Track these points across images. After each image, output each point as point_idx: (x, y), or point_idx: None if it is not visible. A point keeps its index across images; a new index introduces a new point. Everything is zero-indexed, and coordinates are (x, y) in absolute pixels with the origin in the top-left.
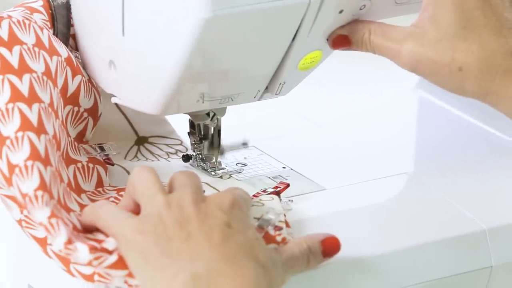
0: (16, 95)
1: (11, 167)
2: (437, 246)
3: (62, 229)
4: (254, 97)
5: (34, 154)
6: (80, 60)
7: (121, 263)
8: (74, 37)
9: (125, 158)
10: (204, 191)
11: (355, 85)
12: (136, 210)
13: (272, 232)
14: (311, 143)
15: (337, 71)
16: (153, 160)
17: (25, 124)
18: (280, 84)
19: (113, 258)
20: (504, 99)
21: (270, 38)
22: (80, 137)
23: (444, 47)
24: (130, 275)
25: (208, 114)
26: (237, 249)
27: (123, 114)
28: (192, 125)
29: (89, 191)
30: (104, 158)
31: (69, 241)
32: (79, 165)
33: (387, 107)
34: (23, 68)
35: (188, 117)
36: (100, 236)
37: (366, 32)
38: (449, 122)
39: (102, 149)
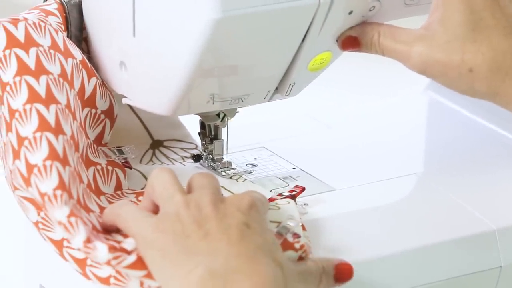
0: (33, 96)
1: (30, 167)
2: (446, 247)
3: (81, 228)
4: (264, 98)
5: (53, 154)
6: (92, 63)
7: (139, 263)
8: (86, 40)
9: (140, 162)
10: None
11: (365, 87)
12: (156, 211)
13: (290, 239)
14: (321, 144)
15: (347, 72)
16: (168, 164)
17: (43, 125)
18: (290, 85)
19: (132, 258)
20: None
21: (280, 39)
22: (99, 140)
23: (453, 49)
24: (148, 275)
25: (218, 115)
26: (255, 248)
27: (138, 117)
28: (202, 125)
29: (108, 194)
30: (123, 161)
31: (88, 240)
32: (99, 167)
33: (397, 109)
34: (40, 70)
35: (198, 117)
36: (119, 238)
37: (376, 34)
38: (458, 123)
39: (120, 152)
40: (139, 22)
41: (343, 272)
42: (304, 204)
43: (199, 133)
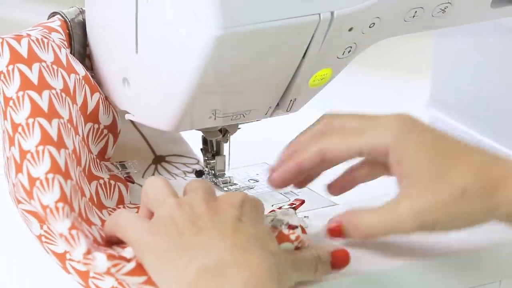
0: (36, 111)
1: (32, 180)
2: (446, 260)
3: (82, 240)
4: (266, 114)
5: (55, 167)
6: (96, 79)
7: (139, 270)
8: (89, 57)
9: (143, 176)
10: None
11: (367, 102)
12: (152, 218)
13: (286, 231)
14: None
15: (348, 88)
16: (170, 179)
17: (45, 139)
18: (291, 100)
19: (131, 265)
20: (503, 202)
21: (281, 56)
22: (102, 154)
23: (439, 186)
24: (147, 282)
25: (220, 130)
26: (247, 239)
27: (141, 133)
28: (204, 141)
29: (110, 208)
30: (125, 176)
31: (89, 252)
32: (101, 181)
33: None
34: (43, 85)
35: (201, 133)
36: (119, 249)
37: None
38: None
39: (123, 166)
40: (141, 39)
41: (339, 258)
42: (305, 217)
43: (201, 149)
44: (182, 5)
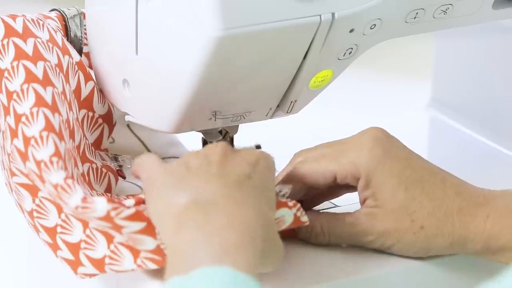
0: (30, 78)
1: (27, 140)
2: (445, 264)
3: (78, 188)
4: (266, 115)
5: (49, 127)
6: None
7: (138, 216)
8: (87, 55)
9: None
10: None
11: (367, 104)
12: None
13: (283, 199)
14: None
15: (349, 90)
16: None
17: (40, 101)
18: (291, 102)
19: (130, 211)
20: (469, 237)
21: (282, 57)
22: (98, 144)
23: (399, 217)
24: (146, 229)
25: (220, 132)
26: (248, 195)
27: (137, 137)
28: (204, 143)
29: (99, 192)
30: (117, 169)
31: (86, 198)
32: (94, 166)
33: (399, 126)
34: (38, 56)
35: (201, 135)
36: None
37: (318, 225)
38: (461, 141)
39: (116, 160)
40: (141, 40)
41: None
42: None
43: None
44: (182, 6)
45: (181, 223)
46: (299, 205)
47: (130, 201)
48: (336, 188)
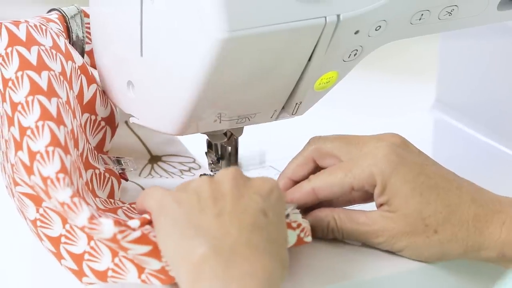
0: (35, 89)
1: (32, 154)
2: (448, 267)
3: (84, 207)
4: (271, 117)
5: (55, 141)
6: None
7: (144, 239)
8: (89, 54)
9: (139, 175)
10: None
11: (371, 106)
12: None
13: (287, 219)
14: None
15: (353, 91)
16: (167, 177)
17: (45, 114)
18: (296, 104)
19: (136, 234)
20: (484, 244)
21: (287, 59)
22: (100, 147)
23: (413, 222)
24: (151, 252)
25: (225, 134)
26: (265, 241)
27: (136, 135)
28: (209, 145)
29: (102, 198)
30: (120, 172)
31: (93, 217)
32: (97, 171)
33: (404, 128)
34: (42, 66)
35: (205, 137)
36: (124, 220)
37: (331, 220)
38: (465, 142)
39: (119, 163)
40: (146, 42)
41: None
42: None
43: (206, 153)
44: (187, 8)
45: (200, 273)
46: (302, 226)
47: (135, 223)
48: (352, 197)
